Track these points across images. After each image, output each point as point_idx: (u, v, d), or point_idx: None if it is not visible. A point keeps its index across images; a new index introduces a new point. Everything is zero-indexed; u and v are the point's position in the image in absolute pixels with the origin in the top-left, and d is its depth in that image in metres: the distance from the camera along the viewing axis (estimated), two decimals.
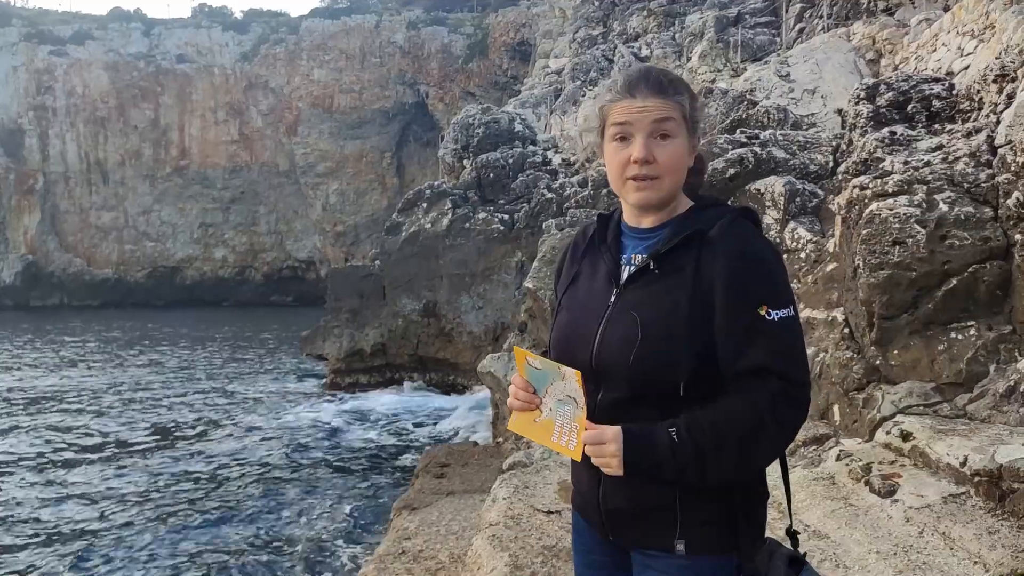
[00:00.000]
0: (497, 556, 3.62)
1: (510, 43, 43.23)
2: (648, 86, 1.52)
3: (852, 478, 4.20)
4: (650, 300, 1.50)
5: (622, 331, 1.51)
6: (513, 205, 16.12)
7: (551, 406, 1.54)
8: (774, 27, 18.41)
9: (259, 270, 48.55)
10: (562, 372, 1.52)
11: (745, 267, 1.46)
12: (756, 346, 1.43)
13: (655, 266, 1.52)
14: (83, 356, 23.41)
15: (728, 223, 1.52)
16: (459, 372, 15.87)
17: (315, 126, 46.91)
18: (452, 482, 7.33)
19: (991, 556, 3.14)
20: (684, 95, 1.55)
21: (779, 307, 1.45)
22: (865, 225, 5.30)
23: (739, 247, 1.48)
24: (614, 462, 1.43)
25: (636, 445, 1.43)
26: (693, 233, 1.51)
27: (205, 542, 7.94)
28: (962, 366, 4.79)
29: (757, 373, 1.43)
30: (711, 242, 1.49)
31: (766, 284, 1.46)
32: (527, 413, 1.58)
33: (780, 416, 1.42)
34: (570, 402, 1.51)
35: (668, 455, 1.41)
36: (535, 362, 1.57)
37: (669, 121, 1.51)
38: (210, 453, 11.54)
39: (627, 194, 1.57)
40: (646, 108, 1.50)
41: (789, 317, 1.46)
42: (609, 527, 1.61)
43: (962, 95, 6.63)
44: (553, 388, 1.54)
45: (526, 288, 10.70)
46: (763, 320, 1.43)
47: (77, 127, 46.57)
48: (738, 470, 1.46)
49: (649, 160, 1.51)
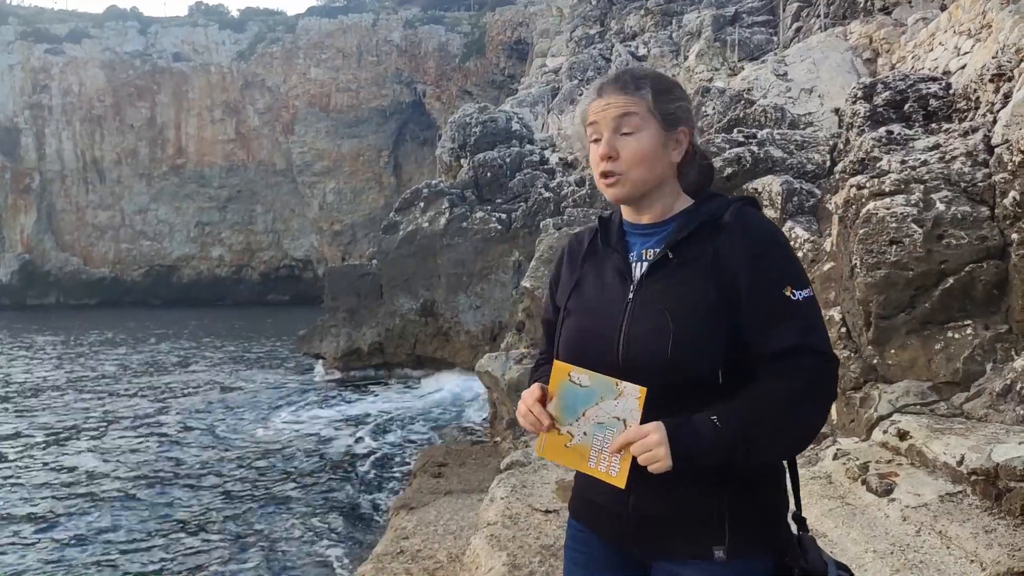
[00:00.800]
0: (495, 555, 3.62)
1: (507, 42, 43.21)
2: (613, 84, 1.56)
3: (849, 477, 4.21)
4: (674, 291, 1.49)
5: (651, 324, 1.47)
6: (510, 204, 16.13)
7: (587, 430, 1.43)
8: (771, 26, 18.43)
9: (256, 269, 48.51)
10: (619, 389, 1.40)
11: (767, 250, 1.48)
12: (788, 326, 1.44)
13: (673, 256, 1.51)
14: (77, 355, 23.37)
15: (739, 209, 1.54)
16: (457, 371, 15.87)
17: (312, 125, 46.87)
18: (450, 481, 7.33)
19: (988, 555, 3.15)
20: (646, 89, 1.54)
21: (802, 287, 1.48)
22: (862, 224, 5.31)
23: (758, 231, 1.50)
24: (662, 451, 1.37)
25: (680, 434, 1.38)
26: (707, 220, 1.53)
27: (198, 543, 7.92)
28: (959, 365, 4.80)
29: (792, 353, 1.44)
30: (727, 228, 1.50)
31: (789, 266, 1.49)
32: (557, 437, 1.45)
33: (817, 390, 1.45)
34: (615, 425, 1.40)
35: (713, 440, 1.37)
36: (582, 378, 1.44)
37: (631, 116, 1.52)
38: (203, 453, 11.52)
39: (605, 193, 1.60)
40: (610, 105, 1.54)
41: (810, 297, 1.49)
42: (636, 537, 1.53)
43: (959, 94, 6.64)
44: (597, 409, 1.42)
45: (524, 287, 10.71)
46: (790, 301, 1.45)
47: (73, 126, 46.47)
48: (783, 448, 1.48)
49: (612, 156, 1.53)
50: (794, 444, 1.49)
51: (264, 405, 15.23)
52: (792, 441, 1.47)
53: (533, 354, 9.77)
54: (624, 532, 1.54)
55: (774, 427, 1.41)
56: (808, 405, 1.43)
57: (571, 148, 17.77)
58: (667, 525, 1.49)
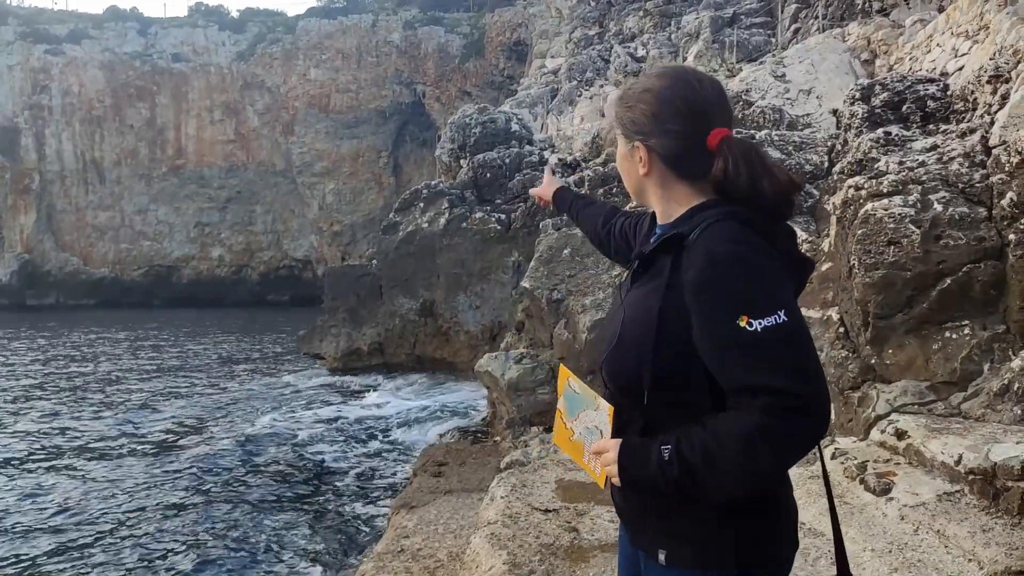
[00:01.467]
0: (495, 554, 3.64)
1: (506, 43, 43.22)
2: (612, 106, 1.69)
3: (847, 476, 4.23)
4: (634, 302, 1.52)
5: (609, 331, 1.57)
6: (510, 205, 16.14)
7: (580, 430, 1.57)
8: (769, 28, 18.46)
9: (256, 269, 48.50)
10: (597, 403, 1.53)
11: (717, 273, 1.35)
12: (739, 363, 1.33)
13: (640, 267, 1.55)
14: (76, 355, 23.38)
15: (707, 225, 1.41)
16: (456, 371, 15.89)
17: (312, 125, 46.87)
18: (450, 481, 7.35)
19: (985, 554, 3.17)
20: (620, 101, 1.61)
21: (761, 315, 1.31)
22: (860, 225, 5.33)
23: (710, 252, 1.37)
24: (613, 469, 1.46)
25: (630, 458, 1.44)
26: (672, 237, 1.46)
27: (184, 544, 7.91)
28: (956, 365, 4.82)
29: (746, 391, 1.32)
30: (689, 247, 1.41)
31: (743, 291, 1.33)
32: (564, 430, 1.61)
33: (774, 431, 1.30)
34: (595, 433, 1.53)
35: (658, 472, 1.39)
36: (575, 385, 1.59)
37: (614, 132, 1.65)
38: (201, 454, 11.49)
39: None
40: None
41: (774, 325, 1.31)
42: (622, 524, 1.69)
43: (956, 96, 6.67)
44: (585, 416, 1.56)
45: (523, 287, 10.72)
46: (744, 332, 1.31)
47: (73, 126, 46.47)
48: (742, 486, 1.35)
49: None
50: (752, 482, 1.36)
51: (260, 406, 15.24)
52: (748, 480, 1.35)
53: (532, 354, 9.79)
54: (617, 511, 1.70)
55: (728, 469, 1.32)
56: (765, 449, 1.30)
57: (571, 149, 17.79)
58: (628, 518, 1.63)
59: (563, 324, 9.31)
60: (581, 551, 3.70)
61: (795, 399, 1.30)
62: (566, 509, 4.24)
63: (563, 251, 10.38)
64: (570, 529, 3.95)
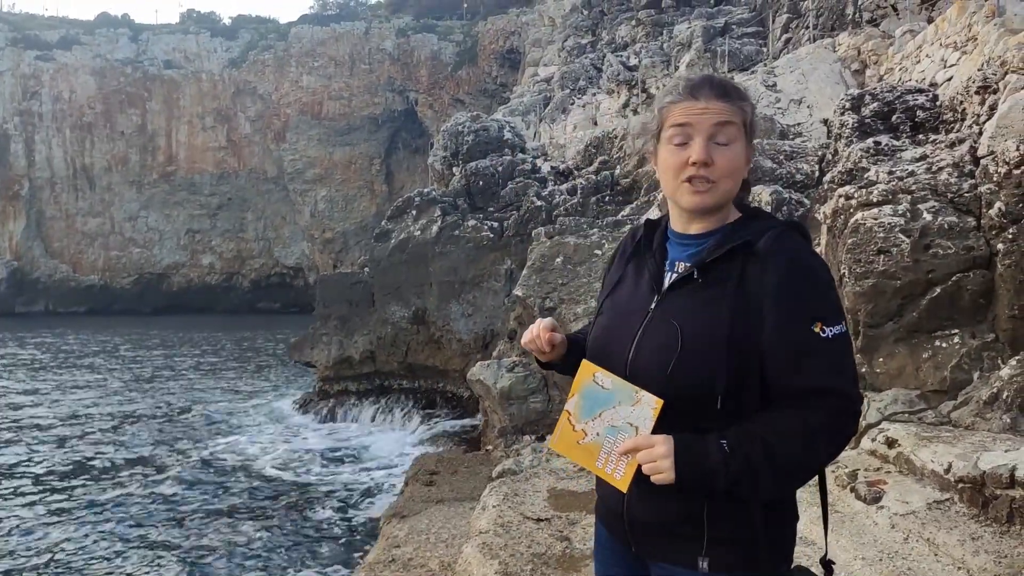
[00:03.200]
0: (487, 564, 3.63)
1: (499, 51, 43.35)
2: (711, 89, 1.50)
3: (838, 485, 4.24)
4: (692, 309, 1.47)
5: (661, 339, 1.48)
6: (502, 213, 16.14)
7: (600, 431, 1.46)
8: (761, 37, 18.59)
9: (247, 277, 48.32)
10: (638, 397, 1.43)
11: (798, 282, 1.42)
12: (814, 365, 1.40)
13: (698, 275, 1.49)
14: (66, 363, 23.21)
15: (776, 235, 1.47)
16: (448, 379, 15.85)
17: (304, 132, 46.83)
18: (441, 490, 7.32)
19: (974, 562, 3.19)
20: (747, 101, 1.53)
21: (833, 324, 1.42)
22: (850, 234, 5.37)
23: (791, 261, 1.44)
24: (666, 464, 1.37)
25: (688, 452, 1.38)
26: (740, 244, 1.47)
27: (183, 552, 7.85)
28: (946, 374, 4.85)
29: (816, 392, 1.40)
30: (759, 254, 1.45)
31: (821, 300, 1.43)
32: (572, 433, 1.48)
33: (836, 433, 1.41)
34: (628, 429, 1.43)
35: (720, 465, 1.36)
36: (605, 380, 1.47)
37: (730, 126, 1.48)
38: (183, 469, 11.36)
39: (681, 196, 1.52)
40: (708, 110, 1.48)
41: (843, 334, 1.43)
42: (632, 539, 1.58)
43: (945, 106, 6.72)
44: (614, 412, 1.45)
45: (515, 296, 10.73)
46: (818, 338, 1.40)
47: (63, 132, 46.27)
48: (791, 484, 1.45)
49: (708, 163, 1.47)
50: (801, 481, 1.46)
51: (253, 414, 15.16)
52: (800, 479, 1.45)
53: (524, 362, 9.78)
54: (625, 532, 1.59)
55: (785, 464, 1.39)
56: (823, 446, 1.41)
57: (563, 157, 17.84)
58: (655, 530, 1.53)
59: None
60: (573, 560, 3.69)
61: (855, 403, 1.44)
62: (558, 518, 4.23)
63: (555, 259, 10.40)
64: (562, 538, 3.95)
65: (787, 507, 1.53)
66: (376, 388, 16.82)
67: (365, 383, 16.94)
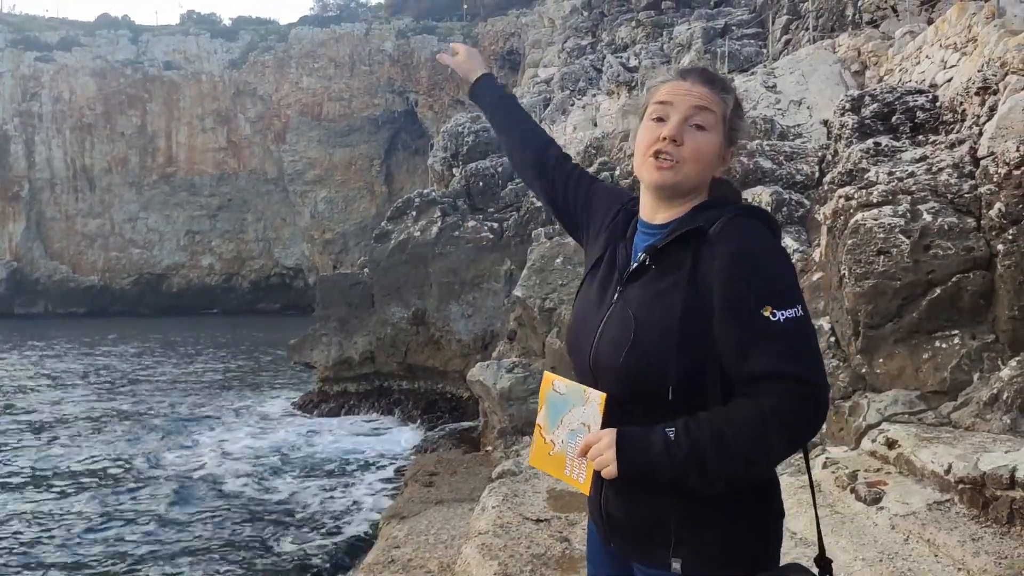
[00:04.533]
0: (486, 564, 3.62)
1: (499, 52, 43.37)
2: (700, 75, 1.54)
3: (838, 486, 4.24)
4: (647, 300, 1.46)
5: (616, 331, 1.47)
6: (502, 214, 16.14)
7: (563, 438, 1.47)
8: (761, 38, 18.60)
9: (246, 278, 48.31)
10: (586, 395, 1.45)
11: (744, 266, 1.39)
12: (763, 350, 1.36)
13: (651, 263, 1.48)
14: (64, 364, 23.20)
15: (728, 220, 1.45)
16: (448, 380, 15.84)
17: (304, 134, 46.84)
18: (441, 491, 7.31)
19: (975, 563, 3.18)
20: (730, 95, 1.54)
21: (784, 307, 1.37)
22: (850, 235, 5.36)
23: (737, 245, 1.41)
24: (609, 455, 1.36)
25: (630, 443, 1.36)
26: (691, 230, 1.46)
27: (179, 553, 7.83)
28: (946, 374, 4.85)
29: (767, 378, 1.35)
30: (709, 241, 1.43)
31: (768, 283, 1.39)
32: (544, 445, 1.50)
33: (791, 418, 1.34)
34: (582, 431, 1.44)
35: (663, 454, 1.34)
36: (561, 386, 1.49)
37: (708, 112, 1.49)
38: (187, 464, 11.40)
39: (645, 171, 1.53)
40: (690, 92, 1.50)
41: (797, 318, 1.37)
42: (611, 536, 1.57)
43: (945, 107, 6.73)
44: (570, 416, 1.46)
45: (515, 296, 10.72)
46: (768, 322, 1.35)
47: (63, 133, 46.28)
48: (747, 471, 1.37)
49: (677, 141, 1.48)
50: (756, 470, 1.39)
51: (251, 414, 15.16)
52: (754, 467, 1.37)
53: (524, 363, 9.78)
54: (604, 528, 1.58)
55: (736, 451, 1.33)
56: (777, 433, 1.33)
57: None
58: (630, 529, 1.52)
59: (555, 333, 9.31)
60: (572, 561, 3.69)
61: (812, 387, 1.36)
62: (557, 519, 4.22)
63: (555, 260, 10.40)
64: (562, 539, 3.94)
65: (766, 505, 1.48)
66: (376, 389, 16.82)
67: (365, 384, 16.94)
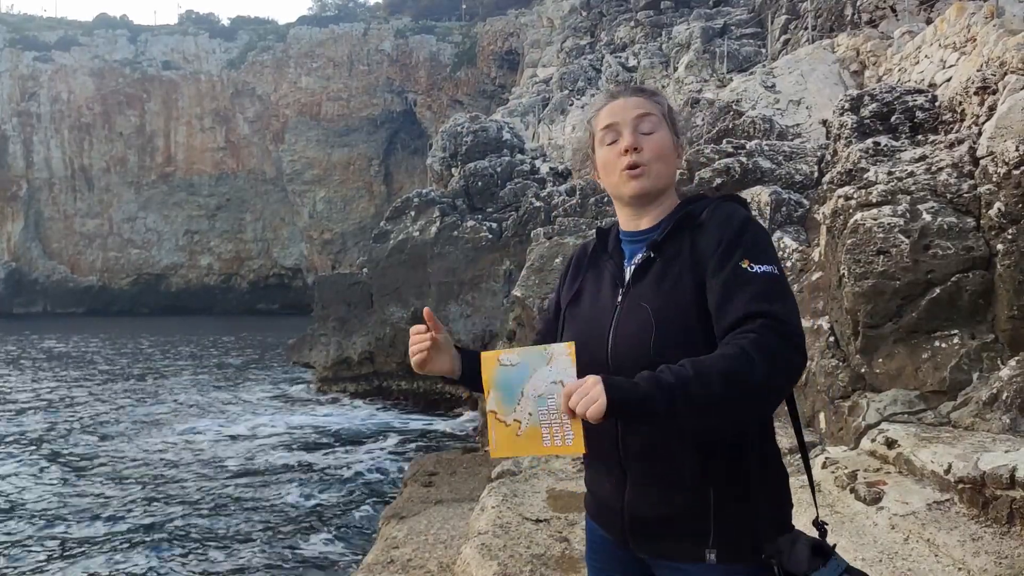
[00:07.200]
0: (486, 565, 3.62)
1: (498, 52, 43.37)
2: (627, 90, 1.68)
3: (838, 485, 4.23)
4: (658, 289, 1.53)
5: (636, 324, 1.52)
6: (501, 213, 16.15)
7: (530, 410, 1.37)
8: (759, 38, 18.62)
9: (245, 278, 48.31)
10: (549, 352, 1.38)
11: (729, 230, 1.51)
12: (740, 296, 1.43)
13: (655, 256, 1.57)
14: (61, 364, 23.18)
15: (715, 205, 1.59)
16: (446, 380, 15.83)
17: (302, 133, 46.84)
18: (440, 491, 7.31)
19: (975, 562, 3.18)
20: (660, 97, 1.69)
21: (761, 263, 1.46)
22: (850, 235, 5.36)
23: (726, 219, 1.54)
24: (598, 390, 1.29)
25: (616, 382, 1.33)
26: (684, 217, 1.58)
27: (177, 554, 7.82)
28: (946, 374, 4.84)
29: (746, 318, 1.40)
30: (702, 223, 1.55)
31: (750, 243, 1.49)
32: (506, 429, 1.39)
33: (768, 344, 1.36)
34: (555, 390, 1.35)
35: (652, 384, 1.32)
36: (512, 357, 1.41)
37: (650, 116, 1.62)
38: (184, 463, 11.37)
39: (622, 187, 1.62)
40: (627, 105, 1.63)
41: (771, 273, 1.46)
42: (632, 536, 1.56)
43: (944, 107, 6.73)
44: (533, 382, 1.38)
45: (514, 296, 10.72)
46: (745, 272, 1.45)
47: (62, 133, 46.25)
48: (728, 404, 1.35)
49: (638, 148, 1.59)
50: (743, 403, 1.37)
51: (249, 414, 15.15)
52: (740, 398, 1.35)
53: None
54: (622, 528, 1.57)
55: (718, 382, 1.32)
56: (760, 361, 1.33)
57: (562, 158, 17.84)
58: (658, 525, 1.52)
59: None
60: (572, 561, 3.68)
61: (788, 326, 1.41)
62: (557, 519, 4.22)
63: (554, 260, 10.39)
64: (561, 539, 3.94)
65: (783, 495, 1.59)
66: (375, 389, 16.82)
67: (364, 384, 16.94)
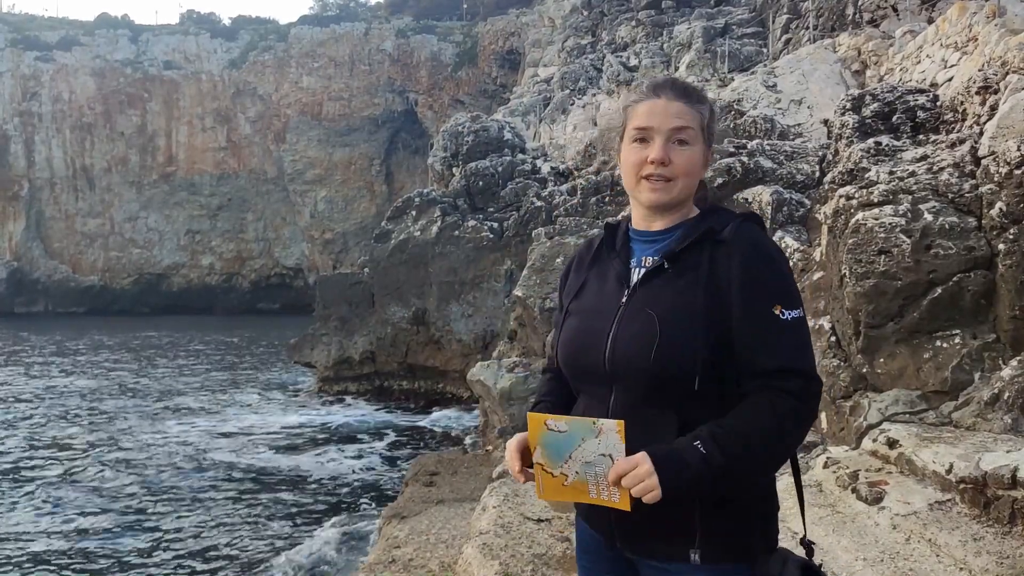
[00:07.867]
0: (487, 564, 3.62)
1: (499, 51, 43.33)
2: (673, 90, 1.61)
3: (839, 485, 4.23)
4: (666, 298, 1.53)
5: (638, 328, 1.53)
6: (502, 213, 16.15)
7: (577, 469, 1.45)
8: (761, 38, 18.60)
9: (246, 277, 48.29)
10: (598, 427, 1.42)
11: (761, 267, 1.51)
12: (776, 345, 1.48)
13: (669, 266, 1.56)
14: (63, 364, 23.18)
15: (739, 224, 1.57)
16: (448, 380, 15.85)
17: (304, 133, 46.81)
18: (442, 490, 7.31)
19: (976, 562, 3.18)
20: (705, 105, 1.63)
21: (791, 307, 1.50)
22: (851, 234, 5.36)
23: (755, 247, 1.53)
24: (652, 481, 1.38)
25: (668, 464, 1.39)
26: (706, 232, 1.56)
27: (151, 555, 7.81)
28: (947, 374, 4.84)
29: (778, 374, 1.47)
30: (724, 242, 1.54)
31: (780, 284, 1.52)
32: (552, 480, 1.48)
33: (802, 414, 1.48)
34: (603, 462, 1.42)
35: (702, 469, 1.39)
36: (559, 424, 1.46)
37: (688, 129, 1.58)
38: (182, 462, 11.39)
39: (640, 193, 1.61)
40: (668, 111, 1.57)
41: (800, 318, 1.51)
42: (620, 537, 1.59)
43: (946, 106, 6.72)
44: (582, 450, 1.43)
45: (515, 296, 10.73)
46: (778, 320, 1.48)
47: (63, 133, 46.25)
48: (766, 470, 1.52)
49: (665, 162, 1.56)
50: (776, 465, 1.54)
51: (250, 414, 15.16)
52: (775, 463, 1.52)
53: (524, 362, 9.78)
54: (610, 528, 1.60)
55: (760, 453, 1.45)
56: (792, 429, 1.47)
57: (563, 157, 17.83)
58: (644, 526, 1.54)
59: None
60: (573, 561, 3.68)
61: (816, 384, 1.51)
62: (558, 519, 4.22)
63: (556, 260, 10.39)
64: (563, 539, 3.94)
65: (771, 498, 1.59)
66: (376, 388, 16.82)
67: (365, 383, 16.94)
